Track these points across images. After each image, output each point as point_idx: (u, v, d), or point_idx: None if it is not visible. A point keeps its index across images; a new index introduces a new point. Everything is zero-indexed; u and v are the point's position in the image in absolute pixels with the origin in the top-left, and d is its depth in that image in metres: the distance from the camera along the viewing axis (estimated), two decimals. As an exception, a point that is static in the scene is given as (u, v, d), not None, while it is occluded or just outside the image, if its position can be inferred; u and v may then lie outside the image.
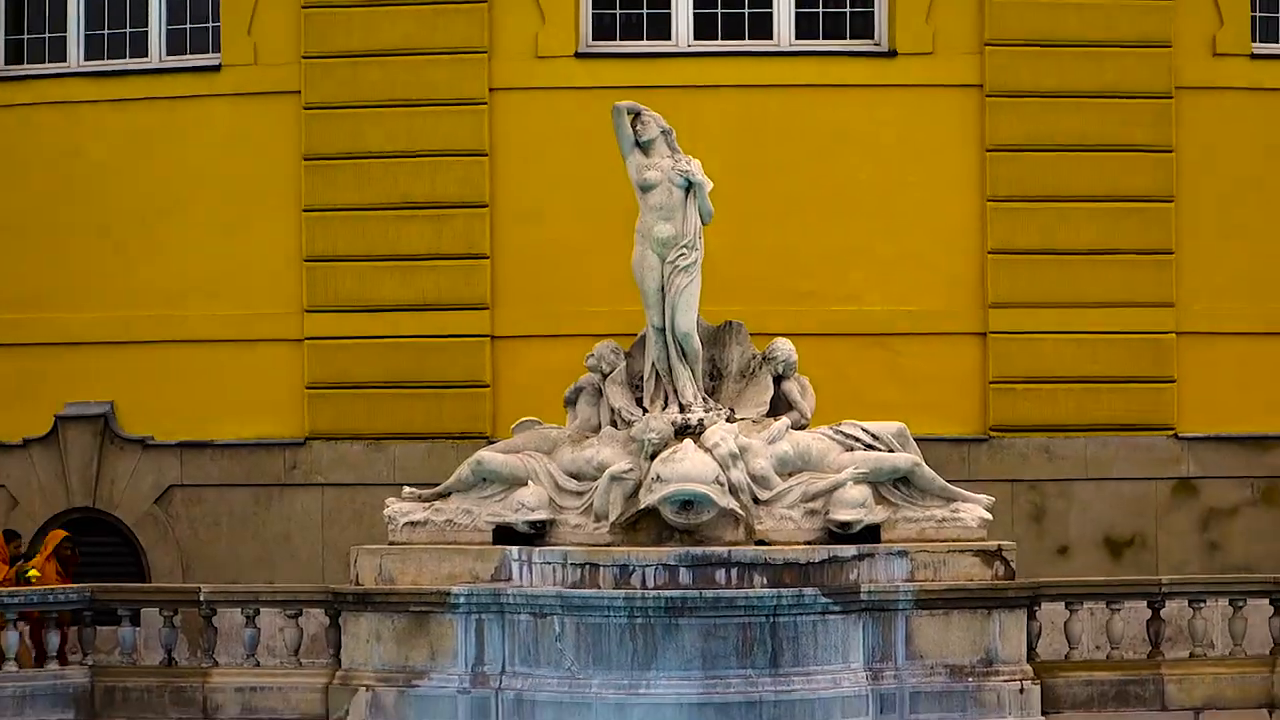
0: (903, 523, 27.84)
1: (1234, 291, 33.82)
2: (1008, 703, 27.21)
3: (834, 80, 33.70)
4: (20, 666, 28.54)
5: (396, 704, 27.24)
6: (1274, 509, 33.82)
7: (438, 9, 33.31)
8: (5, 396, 34.79)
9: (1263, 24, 34.25)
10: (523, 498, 27.81)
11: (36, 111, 35.35)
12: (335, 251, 33.48)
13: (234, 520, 33.34)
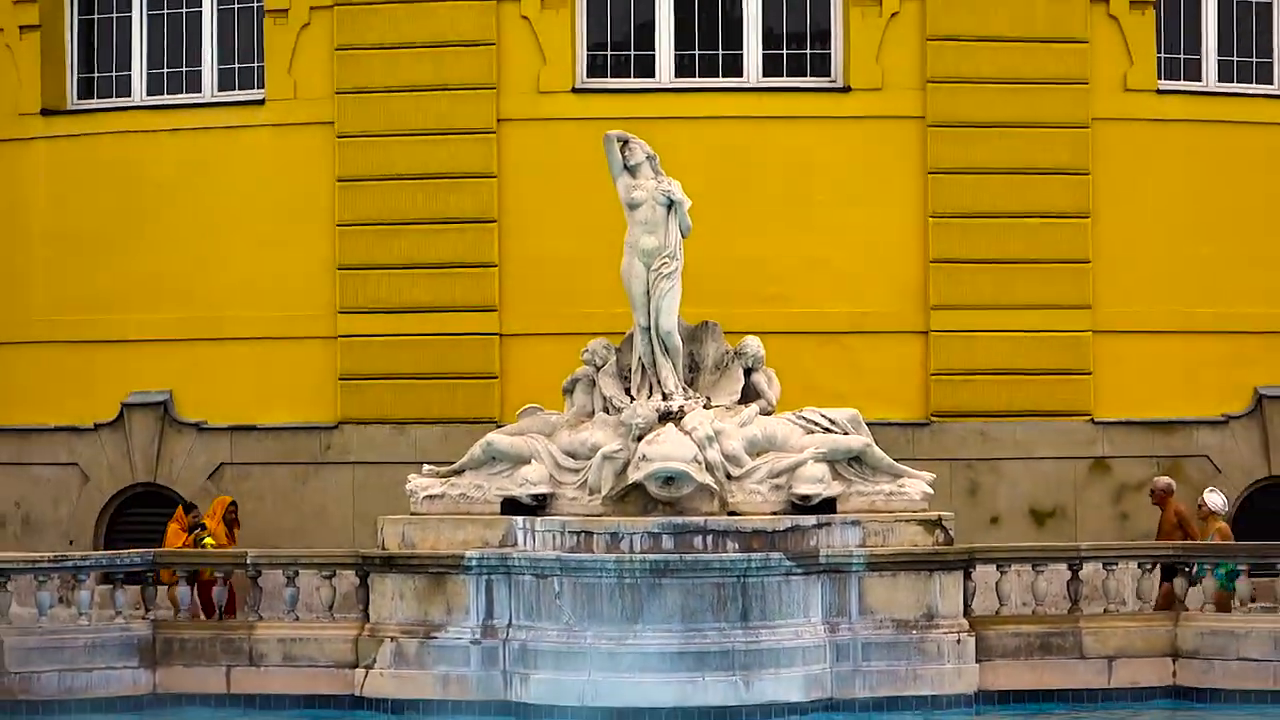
0: (855, 496, 27.74)
1: (1142, 296, 33.71)
2: (946, 652, 27.12)
3: (796, 112, 33.56)
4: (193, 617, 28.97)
5: (417, 653, 27.08)
6: (1107, 494, 33.75)
7: (453, 50, 33.19)
8: (78, 386, 34.64)
9: (1167, 64, 34.17)
10: (527, 474, 27.79)
11: (105, 139, 35.18)
12: (364, 261, 33.33)
13: (276, 494, 33.22)
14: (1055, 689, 27.44)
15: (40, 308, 35.26)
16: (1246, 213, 34.14)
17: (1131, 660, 27.79)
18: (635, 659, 25.94)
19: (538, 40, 33.31)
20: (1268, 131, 34.55)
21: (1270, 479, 33.99)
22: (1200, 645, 27.76)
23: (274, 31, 34.06)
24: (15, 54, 35.18)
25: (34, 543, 32.87)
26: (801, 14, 33.76)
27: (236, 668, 27.87)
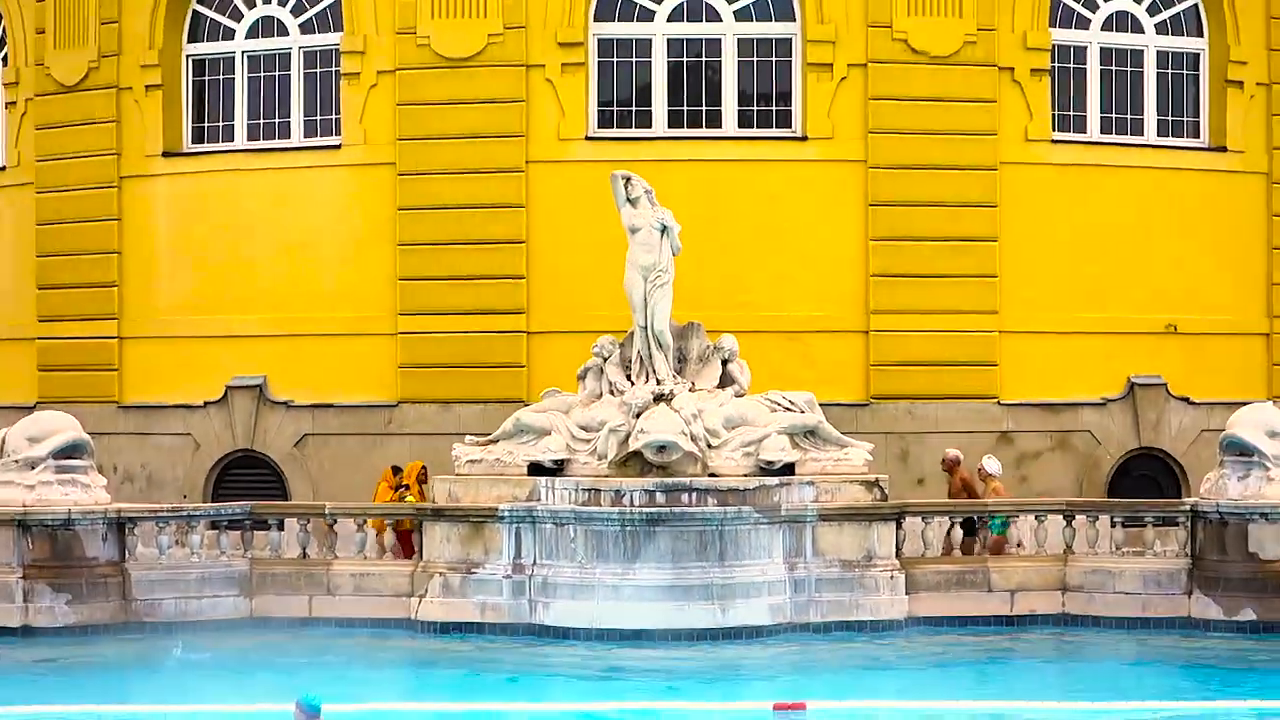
0: (810, 462, 27.80)
1: (1038, 304, 33.71)
2: (882, 586, 27.27)
3: (764, 156, 33.59)
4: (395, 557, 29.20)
5: (460, 585, 27.19)
6: (1064, 453, 33.78)
7: (490, 106, 33.14)
8: (191, 372, 34.63)
9: (1059, 119, 34.14)
10: (548, 444, 27.95)
11: (212, 176, 35.20)
12: (419, 274, 33.28)
13: (348, 459, 33.21)
14: (969, 616, 27.51)
15: (162, 310, 35.27)
16: (1122, 238, 34.08)
17: (1029, 593, 27.85)
18: (634, 591, 26.26)
19: (558, 98, 33.29)
20: (1139, 173, 34.54)
21: (1139, 449, 34.02)
22: (1084, 581, 27.87)
23: (348, 91, 34.07)
24: (142, 108, 35.16)
25: (155, 497, 32.86)
26: (768, 78, 33.71)
27: (317, 597, 28.03)
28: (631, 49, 33.70)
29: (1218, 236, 35.03)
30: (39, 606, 26.98)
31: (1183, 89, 35.19)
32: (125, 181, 35.48)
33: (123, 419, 34.56)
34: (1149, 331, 34.36)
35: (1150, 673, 24.46)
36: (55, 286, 36.01)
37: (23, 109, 36.81)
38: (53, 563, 27.27)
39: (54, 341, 35.98)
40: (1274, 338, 34.88)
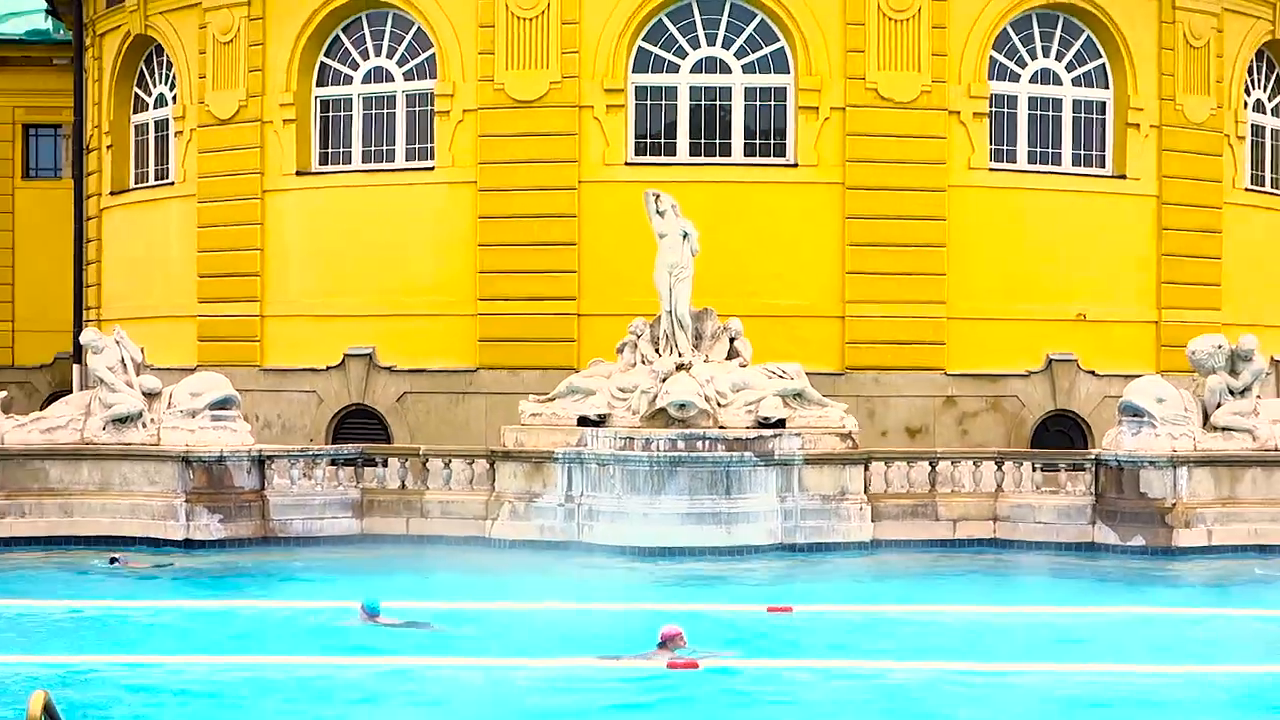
0: (797, 418, 27.86)
1: (977, 296, 33.60)
2: (853, 515, 27.36)
3: (763, 179, 33.47)
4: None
5: (524, 511, 27.33)
6: (996, 413, 33.66)
7: (550, 137, 33.05)
8: (316, 343, 34.60)
9: (995, 152, 33.97)
10: (594, 402, 28.09)
11: (334, 190, 35.21)
12: (495, 268, 33.25)
13: (437, 412, 33.22)
14: (921, 539, 27.52)
15: (294, 295, 35.26)
16: (1043, 246, 33.93)
17: (968, 522, 27.86)
18: (659, 517, 26.38)
19: (604, 132, 33.18)
20: (1057, 195, 34.40)
21: (1055, 411, 33.87)
22: (1011, 513, 27.92)
23: (440, 125, 33.97)
24: (280, 136, 35.09)
25: (288, 440, 32.90)
26: (768, 118, 33.49)
27: (412, 519, 28.11)
28: (661, 94, 33.57)
29: (1118, 245, 34.91)
30: (198, 524, 27.22)
31: (1093, 129, 35.00)
32: (266, 195, 35.46)
33: (263, 379, 34.61)
34: (1063, 319, 34.20)
35: (1061, 584, 24.66)
36: (212, 275, 36.08)
37: (188, 137, 36.83)
38: (208, 490, 27.47)
39: (210, 318, 36.03)
40: (1161, 325, 34.71)
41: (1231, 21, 36.17)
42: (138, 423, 28.13)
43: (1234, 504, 27.46)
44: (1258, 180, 37.74)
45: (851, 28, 33.18)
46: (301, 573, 24.77)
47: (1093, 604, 22.70)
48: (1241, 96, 36.86)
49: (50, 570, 24.93)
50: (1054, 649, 18.82)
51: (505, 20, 33.38)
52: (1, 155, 46.38)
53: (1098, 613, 22.03)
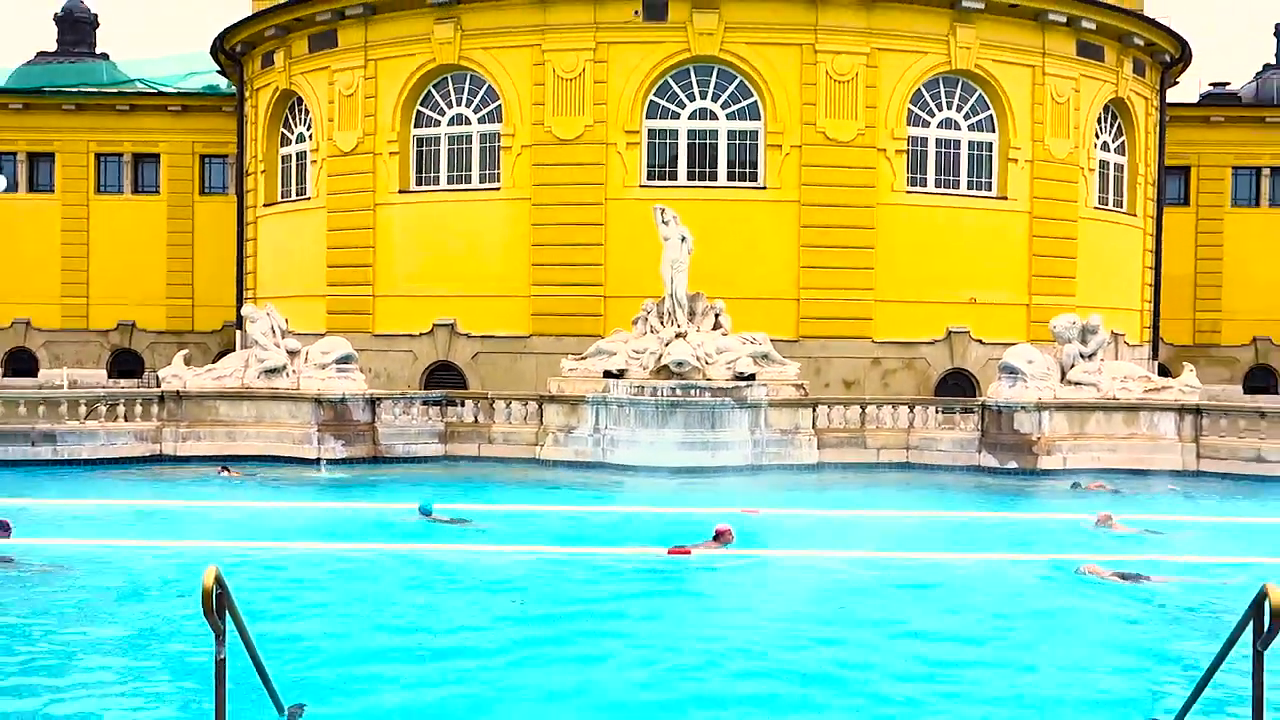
0: (763, 373, 27.77)
1: (897, 285, 33.59)
2: (804, 445, 27.24)
3: (741, 198, 33.38)
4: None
5: (564, 440, 27.29)
6: (910, 371, 33.69)
7: (584, 166, 33.08)
8: (413, 315, 34.70)
9: (910, 179, 33.90)
10: (615, 360, 27.96)
11: (426, 205, 35.15)
12: (545, 261, 33.32)
13: (501, 368, 33.36)
14: (854, 462, 27.24)
15: (397, 280, 35.26)
16: (946, 248, 33.90)
17: (888, 449, 27.66)
18: (663, 445, 26.31)
19: (624, 163, 33.14)
20: (957, 211, 34.34)
21: (953, 369, 33.99)
22: (919, 444, 27.79)
23: (504, 157, 33.90)
24: (387, 164, 35.11)
25: (391, 387, 32.89)
26: (744, 153, 33.39)
27: (482, 444, 28.10)
28: (666, 135, 33.49)
29: (1000, 248, 34.83)
30: (326, 446, 27.30)
31: (982, 163, 34.88)
32: (377, 207, 35.49)
33: (374, 342, 34.69)
34: (959, 302, 34.19)
35: (953, 494, 24.52)
36: (337, 266, 36.21)
37: (320, 165, 36.91)
38: (334, 422, 27.54)
39: (335, 297, 36.16)
40: (1031, 307, 34.65)
41: (1085, 84, 36.10)
42: (283, 373, 28.27)
43: (1083, 438, 27.47)
44: (1103, 201, 37.74)
45: (806, 87, 33.11)
46: (398, 483, 24.75)
47: (975, 510, 22.71)
48: (1092, 139, 36.79)
49: (212, 481, 25.16)
50: (942, 541, 18.88)
51: (552, 81, 33.35)
52: (185, 177, 46.46)
53: (978, 516, 22.03)
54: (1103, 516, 20.08)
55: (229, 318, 43.38)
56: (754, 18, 32.92)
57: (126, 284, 46.10)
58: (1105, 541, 18.81)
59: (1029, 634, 13.48)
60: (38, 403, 27.20)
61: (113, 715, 10.38)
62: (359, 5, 35.42)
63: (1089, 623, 14.05)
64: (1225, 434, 27.43)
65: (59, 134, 46.01)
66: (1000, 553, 17.94)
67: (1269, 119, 45.71)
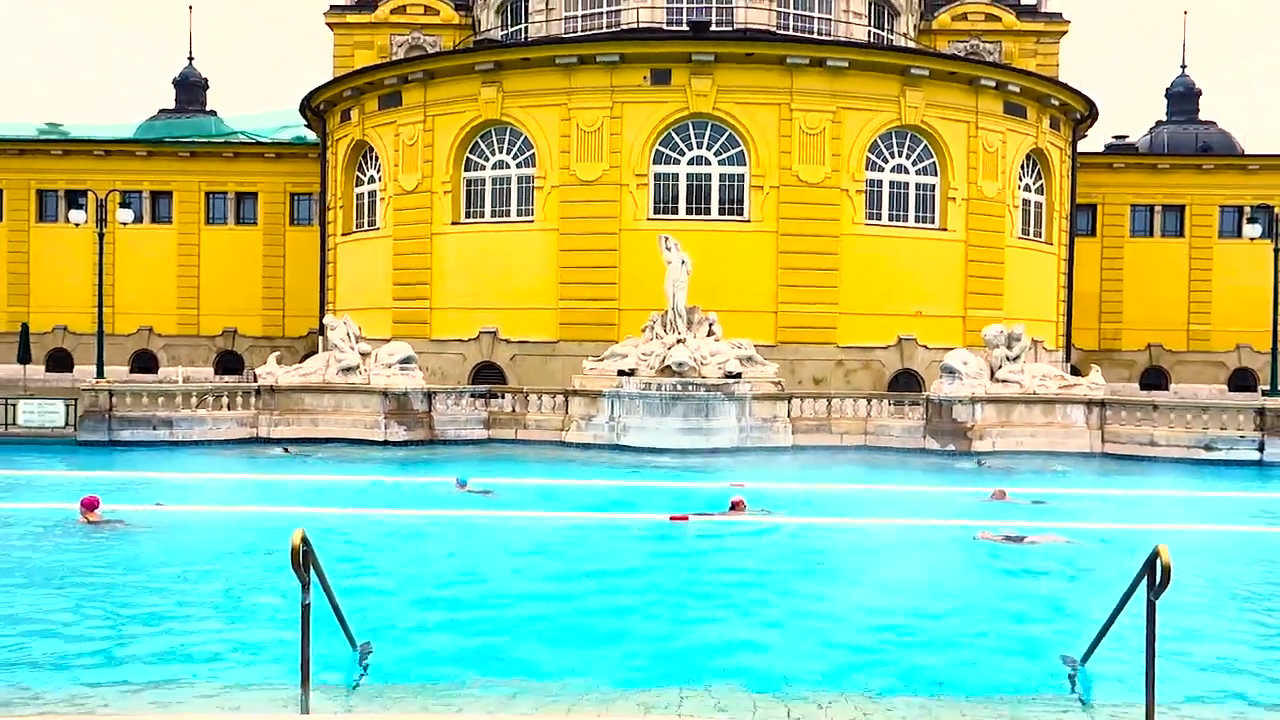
0: (748, 373, 27.59)
1: (857, 299, 33.33)
2: (781, 430, 27.11)
3: (730, 229, 33.13)
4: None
5: (586, 425, 27.19)
6: (868, 371, 33.41)
7: (602, 203, 32.89)
8: (462, 324, 34.53)
9: (869, 214, 33.64)
10: (627, 361, 27.76)
11: (474, 235, 34.85)
12: (569, 280, 33.19)
13: (534, 368, 33.13)
14: (823, 445, 27.08)
15: (448, 295, 35.04)
16: (896, 270, 33.70)
17: (850, 434, 27.48)
18: (666, 430, 26.20)
19: (634, 200, 32.95)
20: (906, 240, 34.03)
21: (903, 369, 33.69)
22: (875, 430, 27.61)
23: (538, 195, 33.77)
24: (441, 201, 35.00)
25: (445, 382, 32.63)
26: (733, 193, 33.16)
27: (519, 430, 28.03)
28: (669, 178, 33.31)
29: (941, 271, 34.57)
30: (391, 432, 27.26)
31: (927, 202, 34.65)
32: (434, 236, 35.34)
33: (430, 346, 34.54)
34: (908, 315, 33.94)
35: (901, 472, 24.12)
36: (401, 284, 36.07)
37: (388, 201, 36.78)
38: (398, 411, 27.48)
39: (399, 309, 35.95)
40: (966, 318, 34.41)
41: (1011, 136, 35.88)
42: (356, 371, 28.20)
43: (1009, 425, 27.31)
44: (1026, 232, 37.46)
45: (783, 138, 32.96)
46: (449, 461, 24.66)
47: (918, 485, 22.40)
48: (1016, 181, 36.56)
49: (295, 459, 25.09)
50: (886, 509, 18.72)
51: (576, 133, 33.23)
52: (277, 211, 46.44)
53: (919, 490, 21.78)
54: (997, 492, 19.79)
55: (313, 325, 43.32)
56: (741, 82, 32.80)
57: (230, 298, 46.14)
58: (999, 510, 18.48)
59: (941, 584, 13.25)
60: (159, 394, 27.21)
61: (214, 650, 10.32)
62: (420, 71, 35.41)
63: (985, 576, 13.89)
64: (1125, 422, 27.30)
65: (176, 176, 46.07)
66: (922, 519, 17.66)
67: (1160, 165, 45.49)
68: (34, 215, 46.68)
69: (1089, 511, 18.89)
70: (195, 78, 51.04)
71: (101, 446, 25.70)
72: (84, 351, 43.71)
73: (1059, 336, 39.86)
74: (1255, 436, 25.82)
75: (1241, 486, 22.94)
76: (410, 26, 45.76)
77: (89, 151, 45.92)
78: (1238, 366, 44.85)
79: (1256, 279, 40.34)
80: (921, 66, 34.01)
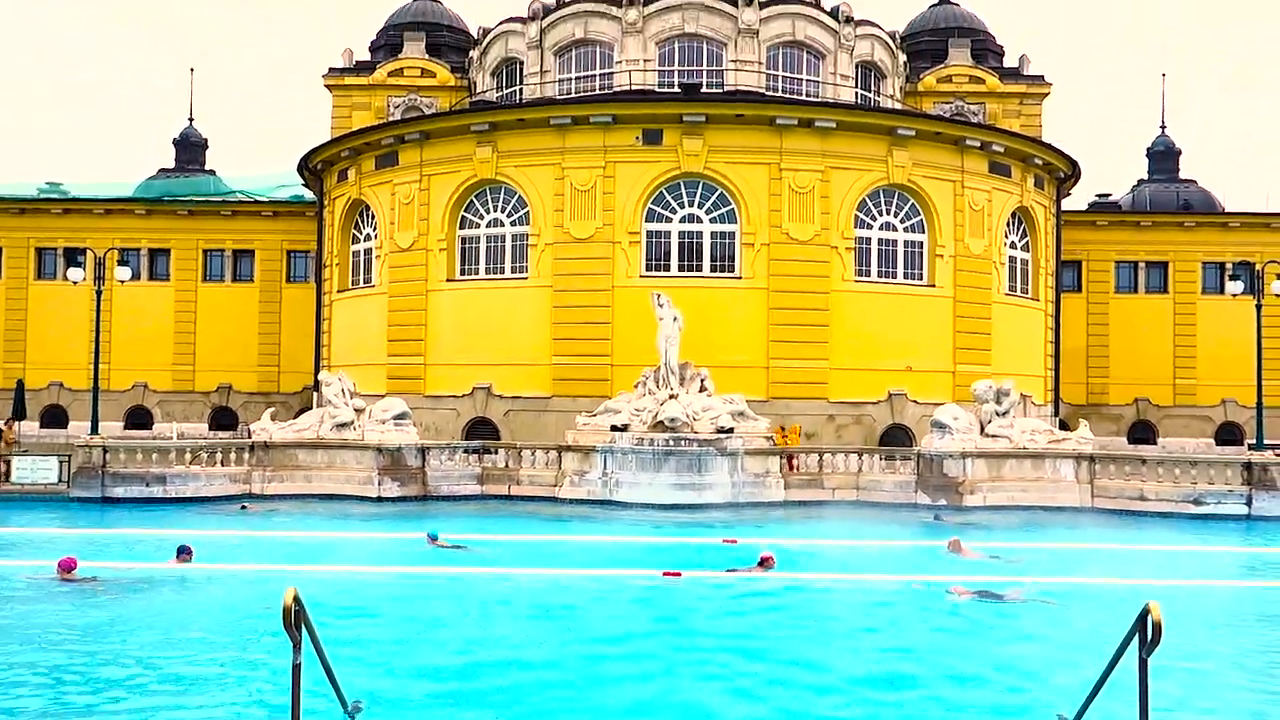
0: (740, 428, 27.50)
1: (848, 355, 33.42)
2: (774, 486, 26.92)
3: (721, 286, 33.30)
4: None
5: (578, 481, 26.90)
6: (859, 426, 33.32)
7: (595, 259, 33.08)
8: (456, 380, 34.50)
9: (858, 270, 33.86)
10: (619, 416, 27.68)
11: (468, 292, 34.93)
12: (563, 335, 33.18)
13: (528, 422, 33.02)
14: (814, 500, 26.86)
15: (443, 351, 35.00)
16: (886, 325, 33.85)
17: (841, 489, 27.22)
18: (659, 486, 25.97)
19: (627, 257, 33.13)
20: (895, 296, 34.25)
21: (894, 424, 33.67)
22: (867, 485, 27.39)
23: (532, 252, 33.96)
24: (437, 258, 35.17)
25: (439, 438, 32.54)
26: (724, 250, 33.39)
27: (512, 485, 27.69)
28: (661, 235, 33.54)
29: (931, 326, 34.72)
30: (385, 487, 27.03)
31: (915, 258, 34.92)
32: (429, 292, 35.47)
33: (425, 401, 34.49)
34: (898, 369, 34.01)
35: (894, 528, 23.90)
36: (395, 339, 36.04)
37: (383, 259, 36.94)
38: (391, 467, 27.29)
39: (394, 365, 35.91)
40: (956, 373, 34.51)
41: (996, 195, 36.26)
42: (350, 427, 28.07)
43: (999, 480, 27.22)
44: (1013, 288, 37.70)
45: (773, 197, 33.26)
46: (439, 516, 24.22)
47: (908, 539, 22.23)
48: (1002, 239, 36.87)
49: (283, 514, 24.77)
50: (877, 565, 18.54)
51: (569, 192, 33.50)
52: (274, 268, 46.51)
53: (908, 544, 21.62)
54: (952, 543, 19.31)
55: (308, 381, 43.24)
56: (731, 142, 33.17)
57: (225, 354, 46.04)
58: (957, 564, 18.16)
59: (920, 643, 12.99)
60: (153, 451, 27.02)
61: (203, 709, 10.11)
62: (416, 132, 35.74)
63: (973, 636, 13.57)
64: (1114, 477, 27.22)
65: (174, 234, 46.19)
66: (897, 575, 17.37)
67: (1143, 223, 45.95)
68: (33, 273, 46.73)
69: (1072, 566, 18.67)
70: (195, 137, 51.43)
71: (94, 503, 25.43)
72: (79, 407, 43.52)
73: (1047, 391, 39.95)
74: (1243, 490, 25.76)
75: (1227, 540, 22.78)
76: (407, 88, 46.30)
77: (89, 210, 46.13)
78: (1224, 421, 44.94)
79: (1240, 334, 40.67)
80: (908, 127, 34.43)
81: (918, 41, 47.90)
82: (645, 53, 39.28)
